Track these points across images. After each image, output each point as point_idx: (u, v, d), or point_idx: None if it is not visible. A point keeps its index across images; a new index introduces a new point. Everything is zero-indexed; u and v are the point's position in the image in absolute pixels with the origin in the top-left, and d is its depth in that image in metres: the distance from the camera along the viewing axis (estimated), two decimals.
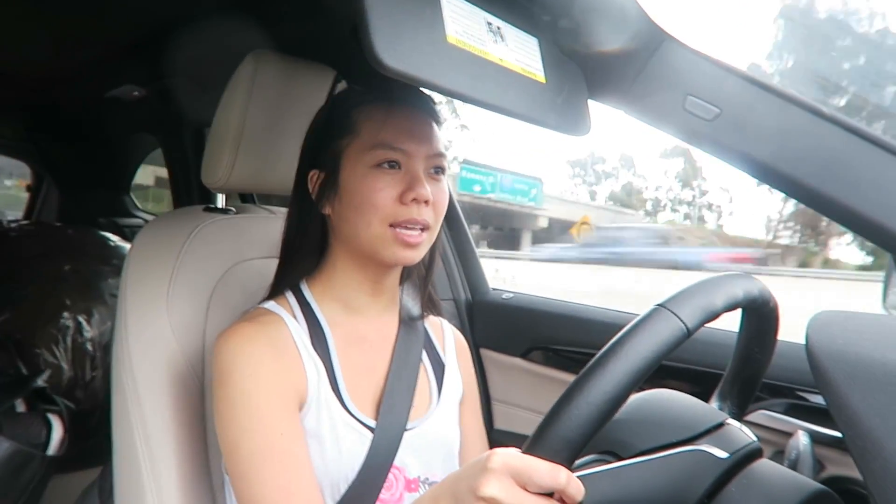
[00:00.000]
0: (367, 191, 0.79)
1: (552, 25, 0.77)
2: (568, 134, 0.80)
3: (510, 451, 0.53)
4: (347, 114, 0.83)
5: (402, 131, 0.80)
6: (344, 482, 0.80)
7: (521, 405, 1.52)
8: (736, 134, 0.73)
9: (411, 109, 0.82)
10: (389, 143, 0.79)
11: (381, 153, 0.79)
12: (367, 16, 0.53)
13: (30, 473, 1.41)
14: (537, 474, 0.51)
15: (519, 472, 0.52)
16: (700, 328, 0.57)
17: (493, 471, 0.52)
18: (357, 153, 0.81)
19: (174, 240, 0.98)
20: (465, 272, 1.69)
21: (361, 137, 0.81)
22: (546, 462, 0.51)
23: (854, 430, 0.49)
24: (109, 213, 2.65)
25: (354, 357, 0.86)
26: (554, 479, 0.50)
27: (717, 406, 0.80)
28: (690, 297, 0.58)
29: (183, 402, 0.92)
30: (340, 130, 0.83)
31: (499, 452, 0.53)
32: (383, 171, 0.80)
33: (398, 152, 0.80)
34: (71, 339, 1.70)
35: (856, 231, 0.69)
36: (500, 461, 0.52)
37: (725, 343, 1.14)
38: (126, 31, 1.42)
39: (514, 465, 0.52)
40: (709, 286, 0.60)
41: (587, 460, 0.65)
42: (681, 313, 0.55)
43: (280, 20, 1.16)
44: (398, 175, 0.80)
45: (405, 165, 0.81)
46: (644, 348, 0.53)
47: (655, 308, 0.56)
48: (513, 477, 0.52)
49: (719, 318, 0.61)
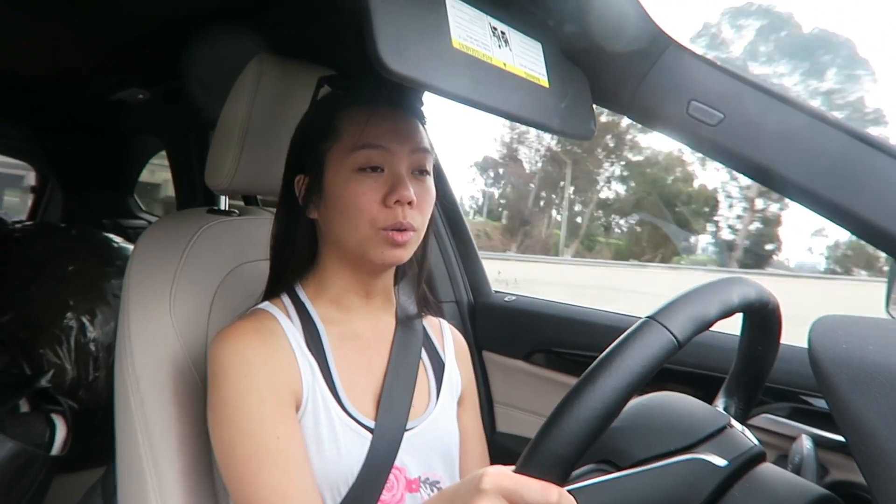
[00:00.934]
0: (350, 195, 0.79)
1: (556, 30, 0.78)
2: (572, 138, 0.80)
3: (502, 471, 0.54)
4: (331, 117, 0.83)
5: (384, 130, 0.80)
6: (344, 484, 0.80)
7: (524, 408, 1.51)
8: (740, 139, 0.74)
9: (394, 109, 0.82)
10: (370, 142, 0.79)
11: (363, 154, 0.79)
12: (371, 20, 0.53)
13: (33, 473, 1.41)
14: (528, 493, 0.51)
15: (510, 491, 0.52)
16: (692, 339, 0.56)
17: (485, 492, 0.53)
18: (340, 156, 0.81)
19: (177, 241, 0.98)
20: (466, 274, 1.69)
21: (343, 140, 0.81)
22: (537, 481, 0.52)
23: (858, 434, 0.49)
24: (113, 215, 2.66)
25: (350, 355, 0.86)
26: (546, 497, 0.51)
27: (722, 405, 0.79)
28: (681, 308, 0.57)
29: (186, 403, 0.92)
30: (324, 134, 0.83)
31: (490, 472, 0.54)
32: (366, 174, 0.80)
33: (380, 151, 0.80)
34: (74, 339, 1.70)
35: (859, 235, 0.69)
36: (492, 482, 0.53)
37: (728, 347, 1.14)
38: (131, 34, 1.43)
39: (505, 486, 0.52)
40: (702, 295, 0.59)
41: (584, 470, 0.65)
42: (671, 326, 0.55)
43: (284, 24, 1.16)
44: (381, 178, 0.80)
45: (388, 167, 0.80)
46: (633, 363, 0.53)
47: (645, 321, 0.56)
48: (504, 497, 0.52)
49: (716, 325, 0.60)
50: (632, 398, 0.53)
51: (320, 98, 0.89)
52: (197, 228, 1.00)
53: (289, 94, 1.01)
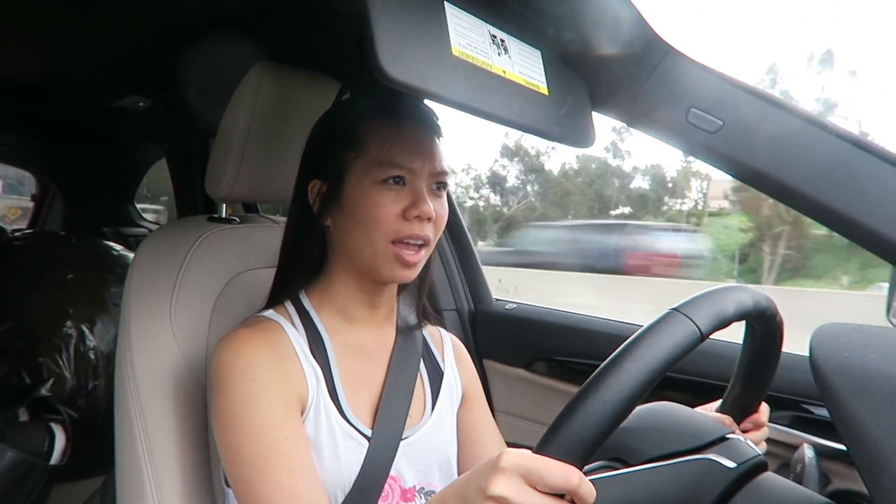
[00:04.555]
0: (371, 206, 0.79)
1: (556, 38, 0.78)
2: (572, 146, 0.80)
3: (522, 451, 0.52)
4: (354, 127, 0.83)
5: (410, 150, 0.80)
6: (341, 492, 0.79)
7: (525, 416, 1.51)
8: (739, 146, 0.74)
9: (418, 126, 0.83)
10: (398, 162, 0.80)
11: (389, 170, 0.80)
12: (372, 28, 0.53)
13: (32, 482, 1.40)
14: (549, 474, 0.49)
15: (530, 471, 0.50)
16: (712, 334, 0.57)
17: (504, 469, 0.51)
18: (363, 169, 0.81)
19: (178, 249, 0.98)
20: (467, 282, 1.69)
21: (369, 153, 0.81)
22: (559, 462, 0.50)
23: (860, 443, 0.49)
24: (114, 223, 2.66)
25: (353, 366, 0.86)
26: (567, 479, 0.49)
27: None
28: (704, 302, 0.58)
29: (186, 411, 0.92)
30: (346, 143, 0.83)
31: (510, 452, 0.52)
32: (388, 186, 0.80)
33: (405, 170, 0.80)
34: (74, 348, 1.70)
35: (859, 242, 0.69)
36: (511, 460, 0.51)
37: (727, 355, 1.13)
38: (132, 42, 1.43)
39: (525, 465, 0.51)
40: (721, 294, 0.61)
41: (595, 466, 0.65)
42: (695, 317, 0.56)
43: (285, 32, 1.16)
44: (402, 191, 0.80)
45: (409, 182, 0.81)
46: (659, 349, 0.53)
47: (670, 311, 0.57)
48: (523, 477, 0.50)
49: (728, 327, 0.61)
50: (653, 386, 0.53)
51: (342, 102, 0.88)
52: (197, 236, 1.00)
53: (289, 102, 1.01)
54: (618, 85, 0.81)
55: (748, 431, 0.79)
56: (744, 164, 0.74)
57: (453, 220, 1.61)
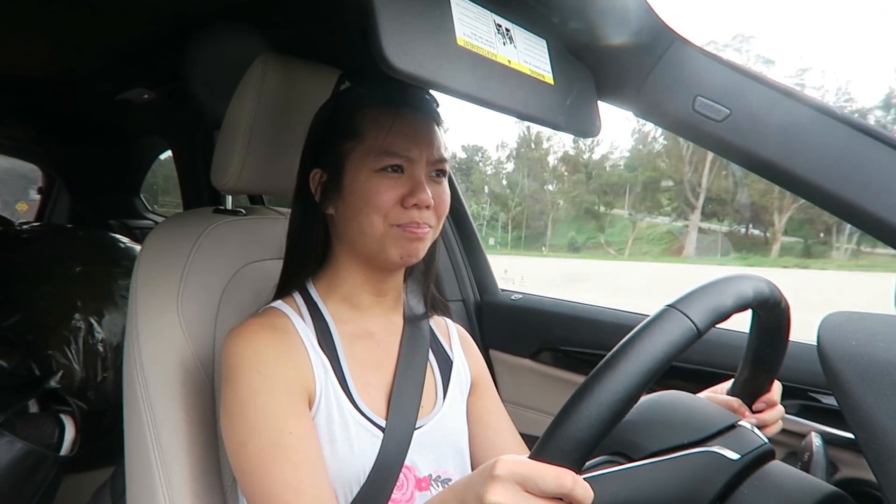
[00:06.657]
0: (369, 193, 0.80)
1: (561, 27, 0.77)
2: (578, 135, 0.80)
3: (516, 458, 0.53)
4: (351, 116, 0.83)
5: (407, 137, 0.81)
6: (356, 483, 0.80)
7: (531, 406, 1.51)
8: (746, 134, 0.73)
9: (415, 113, 0.83)
10: (395, 150, 0.80)
11: (386, 159, 0.80)
12: (376, 18, 0.53)
13: (42, 474, 1.42)
14: (542, 479, 0.50)
15: (525, 477, 0.51)
16: (710, 328, 0.56)
17: (499, 478, 0.52)
18: (361, 157, 0.81)
19: (184, 241, 0.98)
20: (473, 273, 1.69)
21: (366, 142, 0.81)
22: (551, 467, 0.51)
23: (868, 432, 0.49)
24: (120, 216, 2.67)
25: (362, 354, 0.87)
26: (559, 484, 0.50)
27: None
28: (701, 297, 0.57)
29: (194, 402, 0.92)
30: (344, 133, 0.83)
31: (504, 459, 0.53)
32: (386, 174, 0.80)
33: (403, 158, 0.80)
34: (82, 340, 1.71)
35: (867, 230, 0.68)
36: (506, 468, 0.52)
37: (736, 344, 1.13)
38: (136, 34, 1.43)
39: (519, 472, 0.51)
40: (719, 286, 0.60)
41: (597, 461, 0.65)
42: (691, 314, 0.55)
43: (289, 23, 1.16)
44: (401, 179, 0.81)
45: (408, 170, 0.81)
46: (654, 349, 0.52)
47: (665, 308, 0.56)
48: (519, 483, 0.51)
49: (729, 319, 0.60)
50: (650, 386, 0.52)
51: (340, 92, 0.88)
52: (203, 228, 1.00)
53: (294, 93, 1.01)
54: (624, 74, 0.81)
55: (762, 412, 0.79)
56: (751, 153, 0.73)
57: (458, 209, 1.61)
